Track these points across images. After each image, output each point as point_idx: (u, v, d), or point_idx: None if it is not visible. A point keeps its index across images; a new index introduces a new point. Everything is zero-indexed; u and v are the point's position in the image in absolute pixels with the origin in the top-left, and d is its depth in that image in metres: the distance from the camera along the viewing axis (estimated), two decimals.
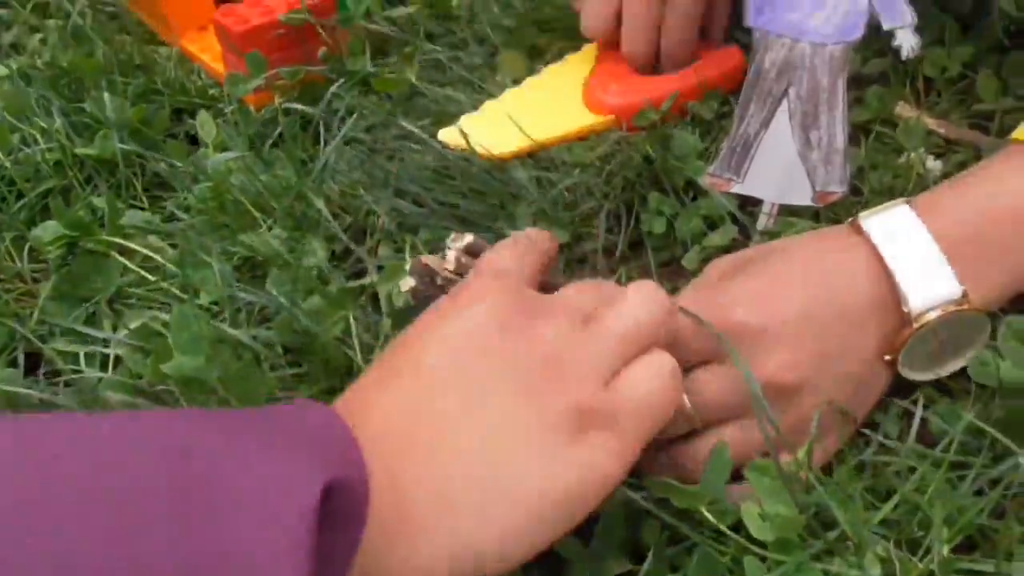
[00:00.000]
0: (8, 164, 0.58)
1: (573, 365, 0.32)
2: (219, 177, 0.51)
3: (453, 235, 0.39)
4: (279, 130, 0.58)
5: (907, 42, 0.44)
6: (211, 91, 0.64)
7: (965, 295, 0.37)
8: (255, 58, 0.58)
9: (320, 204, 0.49)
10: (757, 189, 0.46)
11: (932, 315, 0.37)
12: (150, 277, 0.50)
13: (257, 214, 0.51)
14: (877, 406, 0.39)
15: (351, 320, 0.43)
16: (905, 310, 0.37)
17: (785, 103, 0.46)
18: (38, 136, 0.60)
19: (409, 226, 0.51)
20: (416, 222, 0.50)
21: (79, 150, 0.59)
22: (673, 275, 0.48)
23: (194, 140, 0.62)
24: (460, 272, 0.37)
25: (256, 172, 0.52)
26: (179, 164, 0.58)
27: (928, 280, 0.37)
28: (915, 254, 0.38)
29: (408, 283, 0.37)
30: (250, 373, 0.36)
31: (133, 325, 0.47)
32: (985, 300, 0.38)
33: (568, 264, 0.49)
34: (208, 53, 0.68)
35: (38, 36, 0.70)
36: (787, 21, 0.46)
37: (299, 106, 0.59)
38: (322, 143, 0.57)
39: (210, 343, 0.36)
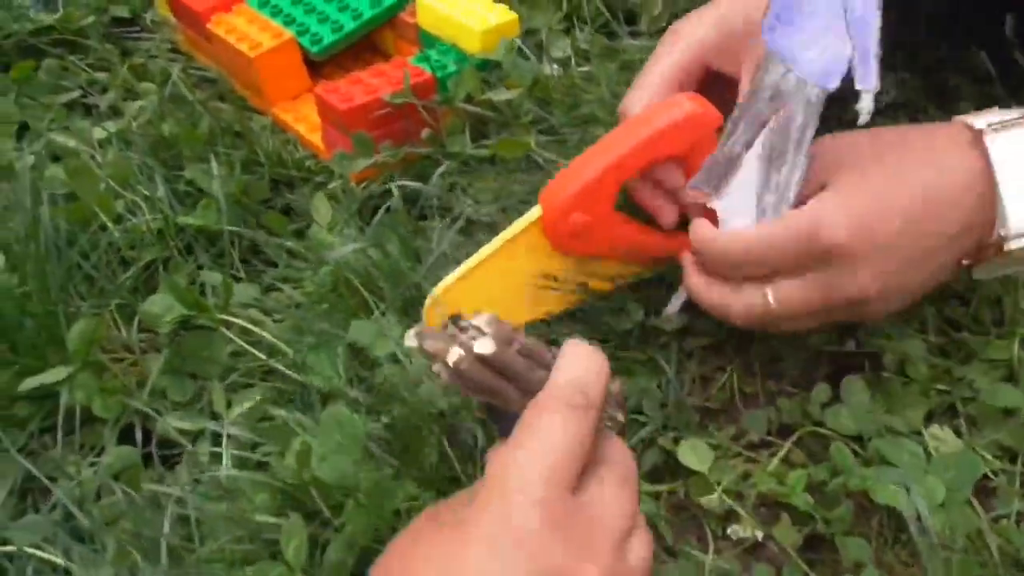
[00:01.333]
0: (116, 232, 0.59)
1: None
2: (338, 266, 0.52)
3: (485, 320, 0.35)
4: (383, 207, 0.59)
5: (867, 106, 0.44)
6: (307, 163, 0.66)
7: None
8: (362, 138, 0.60)
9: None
10: (730, 209, 0.46)
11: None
12: (258, 354, 0.51)
13: (368, 296, 0.52)
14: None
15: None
16: (1002, 232, 0.41)
17: (766, 131, 0.46)
18: (142, 204, 0.61)
19: None
20: None
21: (181, 219, 0.60)
22: None
23: (287, 210, 0.63)
24: (460, 373, 0.34)
25: (368, 253, 0.52)
26: (281, 238, 0.59)
27: None
28: None
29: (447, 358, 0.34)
30: (388, 487, 0.36)
31: (247, 406, 0.47)
32: None
33: None
34: (303, 124, 0.69)
35: (138, 103, 0.72)
36: (788, 45, 0.45)
37: (406, 183, 0.60)
38: (435, 233, 0.57)
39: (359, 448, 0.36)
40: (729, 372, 0.51)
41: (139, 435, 0.48)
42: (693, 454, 0.46)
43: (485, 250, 0.50)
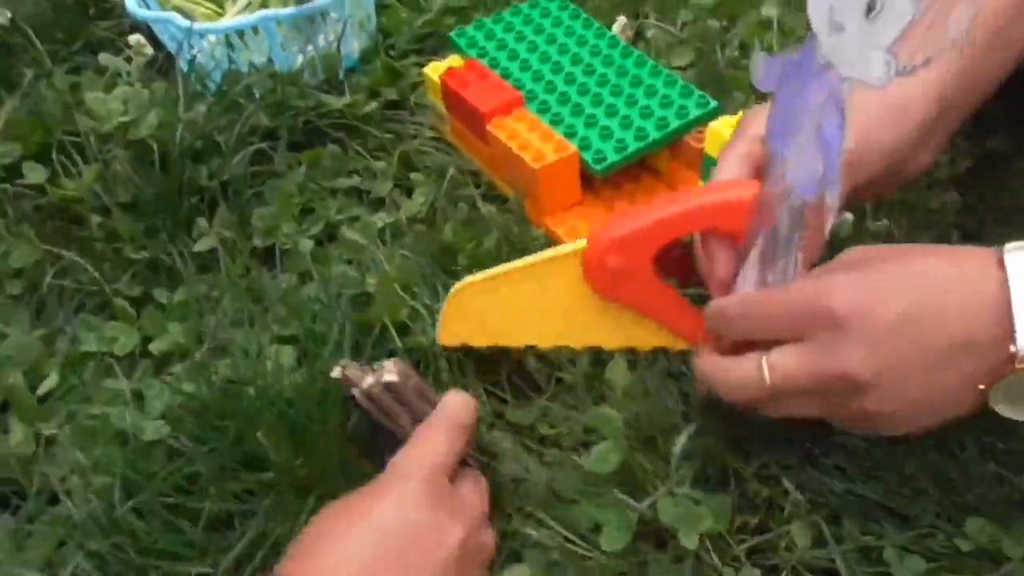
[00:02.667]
0: (399, 342, 0.59)
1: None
2: None
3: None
4: None
5: (829, 226, 0.45)
6: None
7: None
8: None
9: None
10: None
11: None
12: None
13: None
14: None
15: None
16: (1012, 349, 0.39)
17: (761, 236, 0.47)
18: (423, 312, 0.61)
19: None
20: None
21: None
22: None
23: None
24: (370, 396, 0.51)
25: None
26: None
27: None
28: None
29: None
30: None
31: None
32: None
33: None
34: (573, 238, 0.68)
35: (417, 200, 0.73)
36: (786, 152, 0.45)
37: None
38: None
39: None
40: None
41: None
42: None
43: (519, 262, 0.53)
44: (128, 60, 0.84)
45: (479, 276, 0.53)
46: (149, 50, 0.84)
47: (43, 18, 0.93)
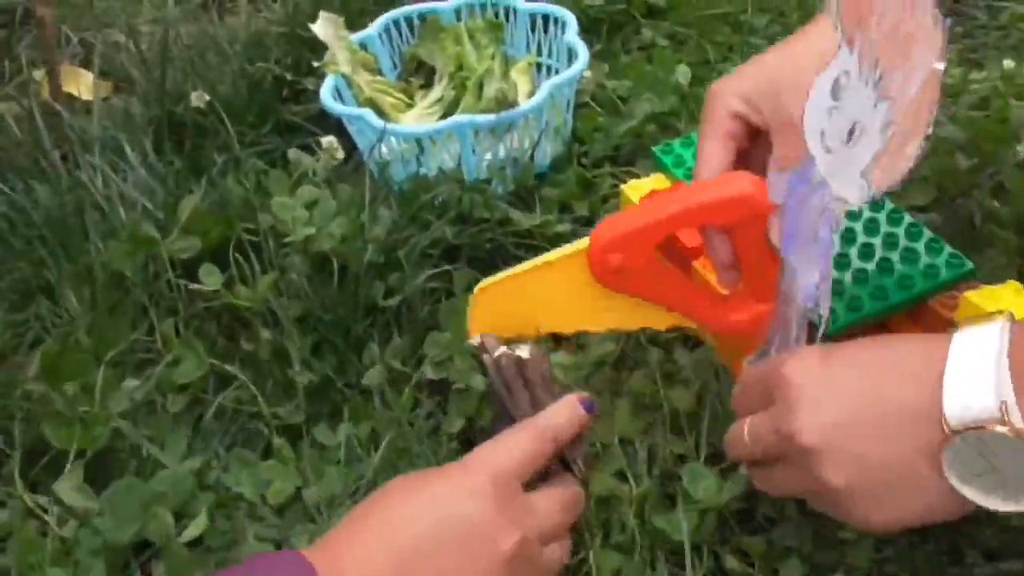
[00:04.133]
0: None
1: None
2: None
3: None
4: None
5: (821, 330, 0.49)
6: None
7: (1004, 416, 0.38)
8: None
9: None
10: None
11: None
12: None
13: None
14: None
15: None
16: (942, 419, 0.39)
17: (778, 335, 0.52)
18: None
19: None
20: None
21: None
22: None
23: None
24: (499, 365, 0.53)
25: None
26: None
27: (970, 393, 0.39)
28: (975, 367, 0.40)
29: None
30: None
31: None
32: None
33: None
34: None
35: (608, 348, 0.65)
36: (795, 259, 0.49)
37: None
38: None
39: None
40: None
41: None
42: None
43: (536, 260, 0.57)
44: (315, 156, 0.81)
45: (500, 276, 0.58)
46: (340, 154, 0.81)
47: (238, 99, 0.93)
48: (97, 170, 0.82)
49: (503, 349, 0.53)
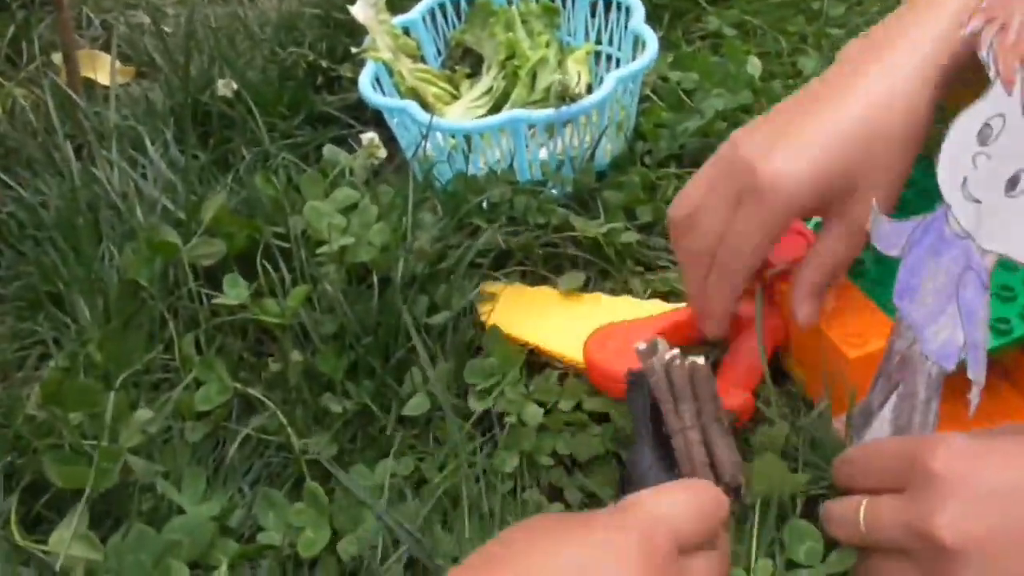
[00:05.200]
0: None
1: None
2: None
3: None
4: None
5: (975, 399, 0.44)
6: None
7: None
8: None
9: None
10: None
11: None
12: None
13: None
14: None
15: None
16: None
17: (895, 396, 0.47)
18: None
19: None
20: None
21: None
22: None
23: None
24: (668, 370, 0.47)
25: None
26: None
27: None
28: None
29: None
30: None
31: None
32: None
33: None
34: None
35: None
36: (915, 317, 0.46)
37: None
38: None
39: None
40: None
41: None
42: None
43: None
44: (352, 153, 0.74)
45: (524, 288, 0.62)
46: (383, 152, 0.74)
47: (268, 87, 0.85)
48: (113, 165, 0.75)
49: (675, 352, 0.47)
